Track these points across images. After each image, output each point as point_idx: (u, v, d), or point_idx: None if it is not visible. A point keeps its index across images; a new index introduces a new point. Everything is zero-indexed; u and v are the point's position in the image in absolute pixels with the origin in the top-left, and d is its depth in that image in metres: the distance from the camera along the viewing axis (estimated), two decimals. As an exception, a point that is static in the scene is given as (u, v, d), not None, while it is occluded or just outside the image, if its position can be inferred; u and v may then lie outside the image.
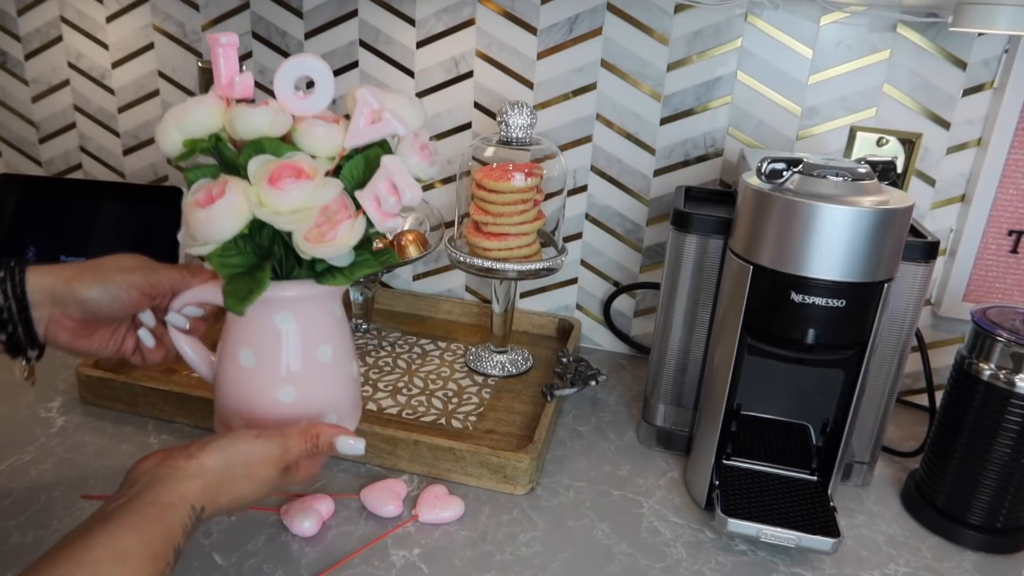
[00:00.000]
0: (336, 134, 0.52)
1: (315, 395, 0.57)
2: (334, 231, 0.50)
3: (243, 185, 0.49)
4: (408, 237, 0.92)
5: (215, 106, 0.50)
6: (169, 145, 0.50)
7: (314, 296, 0.55)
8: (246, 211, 0.48)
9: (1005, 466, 0.66)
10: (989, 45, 0.80)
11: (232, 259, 0.51)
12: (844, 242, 0.58)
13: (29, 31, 1.13)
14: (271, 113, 0.49)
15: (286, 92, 0.51)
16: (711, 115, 0.91)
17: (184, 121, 0.49)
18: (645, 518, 0.70)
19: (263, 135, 0.50)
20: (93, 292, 0.53)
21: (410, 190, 0.50)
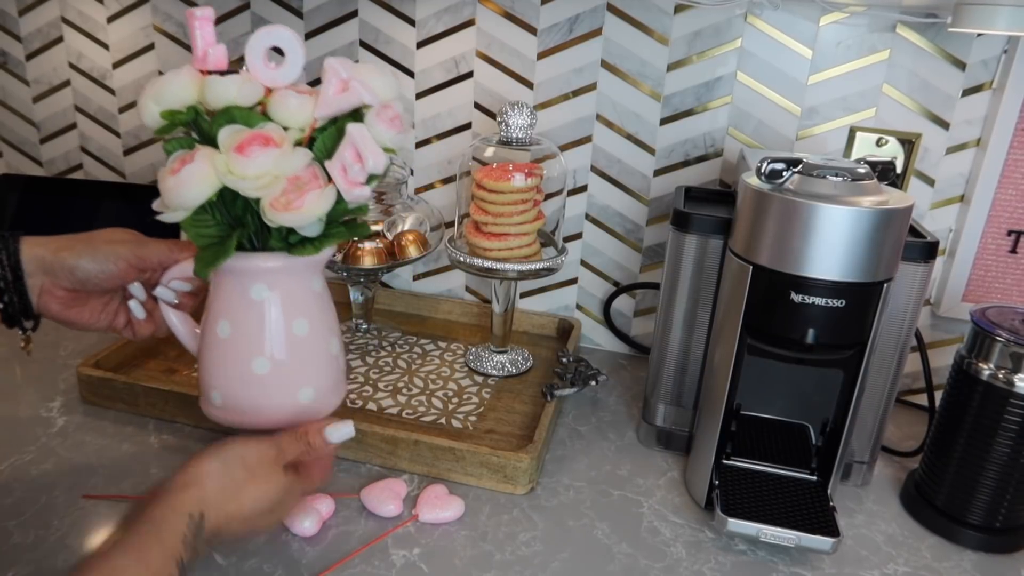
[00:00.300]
0: (308, 105, 0.52)
1: (290, 369, 0.56)
2: (302, 200, 0.50)
3: (212, 153, 0.50)
4: (408, 237, 0.92)
5: (191, 78, 0.51)
6: (149, 118, 0.51)
7: (289, 268, 0.55)
8: (213, 178, 0.49)
9: (1004, 466, 0.66)
10: (988, 45, 0.81)
11: (207, 229, 0.52)
12: (844, 242, 0.59)
13: (30, 31, 1.13)
14: (239, 82, 0.50)
15: (256, 62, 0.51)
16: (711, 115, 0.91)
17: (161, 94, 0.50)
18: (645, 518, 0.70)
19: (232, 103, 0.50)
20: (82, 262, 0.54)
21: (373, 157, 0.50)
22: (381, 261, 0.90)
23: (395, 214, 0.94)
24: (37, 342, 0.96)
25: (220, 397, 0.56)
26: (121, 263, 0.56)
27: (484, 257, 0.85)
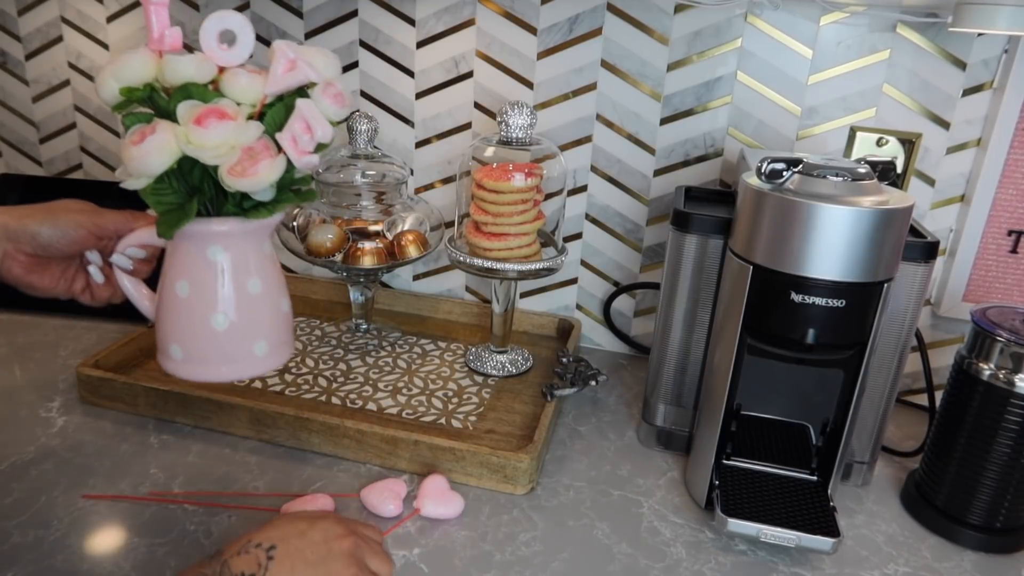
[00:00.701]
0: (258, 82, 0.57)
1: (246, 324, 0.61)
2: (256, 167, 0.55)
3: (171, 125, 0.54)
4: (408, 237, 0.92)
5: (148, 58, 0.55)
6: (108, 94, 0.55)
7: (243, 232, 0.59)
8: (175, 147, 0.54)
9: (1005, 466, 0.66)
10: (989, 45, 0.80)
11: (166, 197, 0.56)
12: (844, 242, 0.58)
13: (29, 31, 1.13)
14: (196, 61, 0.55)
15: (211, 44, 0.56)
16: (711, 115, 0.91)
17: (120, 71, 0.54)
18: (645, 518, 0.70)
19: (190, 80, 0.55)
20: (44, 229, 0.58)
21: (322, 128, 0.56)
22: (381, 261, 0.90)
23: (395, 214, 0.94)
24: (36, 342, 0.96)
25: (180, 352, 0.60)
26: (81, 230, 0.60)
27: (484, 257, 0.85)
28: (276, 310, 0.63)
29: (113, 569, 0.60)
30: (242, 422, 0.78)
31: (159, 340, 0.62)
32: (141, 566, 0.60)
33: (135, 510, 0.67)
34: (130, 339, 0.87)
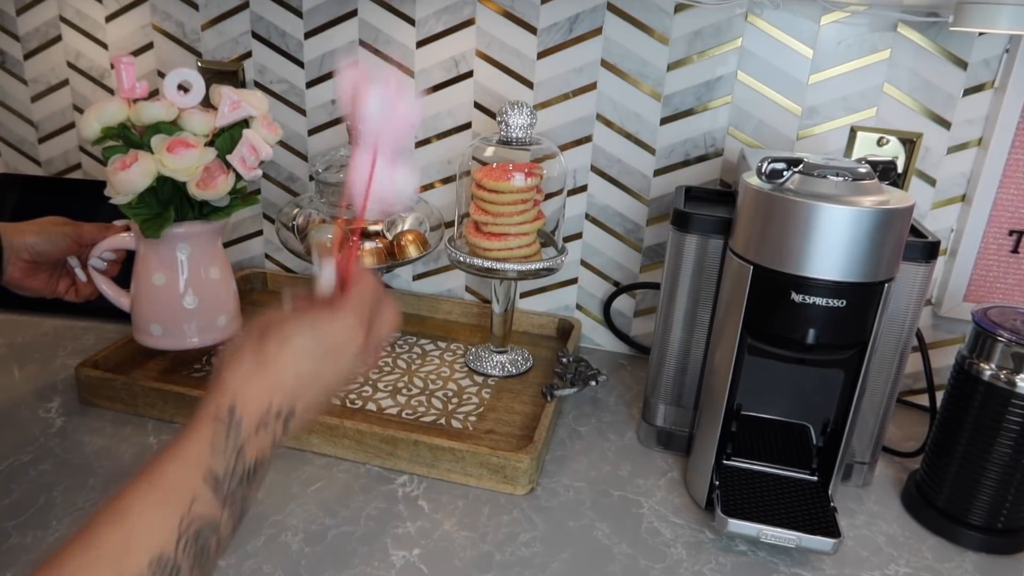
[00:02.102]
0: (209, 118, 0.76)
1: (211, 302, 0.81)
2: (215, 182, 0.76)
3: (148, 155, 0.73)
4: (408, 237, 0.92)
5: (122, 104, 0.74)
6: (89, 132, 0.73)
7: (204, 232, 0.79)
8: (153, 170, 0.73)
9: (1006, 466, 0.66)
10: (990, 45, 0.80)
11: (144, 209, 0.75)
12: (844, 242, 0.58)
13: (28, 31, 1.13)
14: (164, 105, 0.74)
15: (171, 92, 0.74)
16: (711, 115, 0.91)
17: (101, 115, 0.72)
18: (645, 518, 0.70)
19: (160, 120, 0.74)
20: (38, 239, 0.72)
21: (264, 150, 0.77)
22: (381, 261, 0.90)
23: (395, 214, 0.93)
24: (35, 343, 0.96)
25: (160, 329, 0.80)
26: (66, 239, 0.74)
27: (484, 257, 0.85)
28: (230, 290, 0.84)
29: (112, 570, 0.60)
30: (241, 422, 0.77)
31: (139, 323, 0.81)
32: (140, 567, 0.60)
33: (134, 511, 0.66)
34: (129, 339, 0.87)
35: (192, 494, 0.39)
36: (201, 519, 0.39)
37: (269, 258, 1.16)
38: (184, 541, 0.38)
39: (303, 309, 0.47)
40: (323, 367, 0.46)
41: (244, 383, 0.43)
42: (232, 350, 0.45)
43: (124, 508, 0.38)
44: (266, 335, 0.45)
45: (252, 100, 0.77)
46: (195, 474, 0.40)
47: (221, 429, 0.41)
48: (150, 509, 0.38)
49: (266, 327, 0.45)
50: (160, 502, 0.38)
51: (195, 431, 0.41)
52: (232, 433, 0.42)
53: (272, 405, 0.43)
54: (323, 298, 0.49)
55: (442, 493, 0.72)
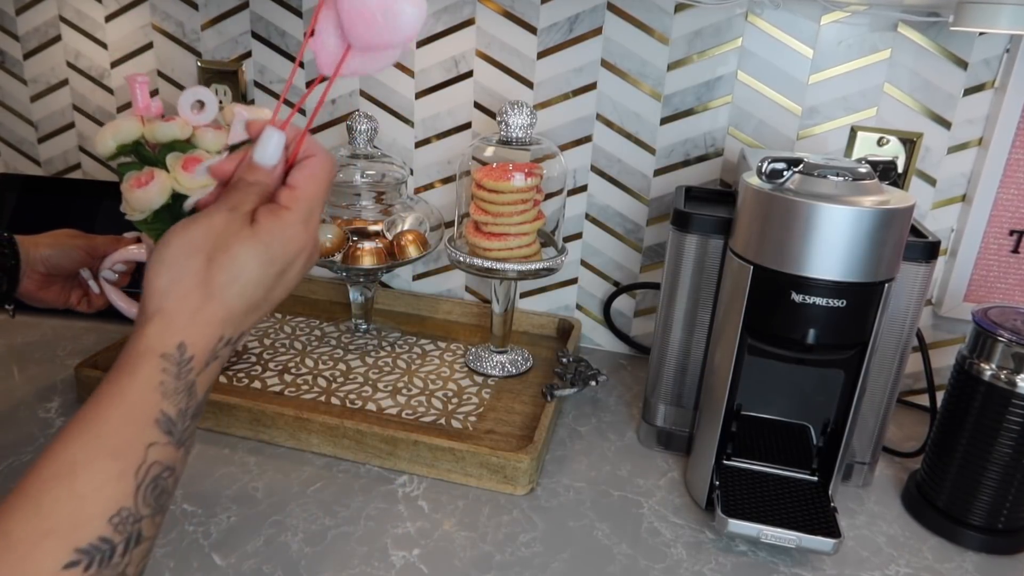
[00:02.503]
0: (221, 136, 0.76)
1: None
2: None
3: (163, 173, 0.73)
4: (408, 237, 0.92)
5: (136, 122, 0.75)
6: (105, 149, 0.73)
7: None
8: (168, 188, 0.72)
9: (1006, 466, 0.66)
10: (990, 44, 0.80)
11: (158, 224, 0.74)
12: (845, 242, 0.58)
13: (28, 30, 1.13)
14: (179, 124, 0.74)
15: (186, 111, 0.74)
16: (711, 115, 0.91)
17: (117, 132, 0.73)
18: (645, 519, 0.70)
19: (175, 138, 0.74)
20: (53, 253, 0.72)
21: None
22: (381, 261, 0.90)
23: (395, 214, 0.93)
24: (35, 343, 0.96)
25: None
26: (79, 252, 0.74)
27: (484, 257, 0.85)
28: None
29: (111, 570, 0.60)
30: (241, 422, 0.77)
31: None
32: (140, 567, 0.60)
33: (134, 511, 0.66)
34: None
35: (146, 441, 0.37)
36: (159, 464, 0.37)
37: (269, 258, 1.16)
38: (143, 489, 0.36)
39: (244, 214, 0.42)
40: (274, 287, 0.43)
41: (193, 318, 0.39)
42: (167, 271, 0.40)
43: (71, 465, 0.35)
44: (214, 262, 0.40)
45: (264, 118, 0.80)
46: (146, 419, 0.37)
47: (171, 368, 0.38)
48: (101, 463, 0.35)
49: (212, 251, 0.40)
50: (112, 454, 0.36)
51: (137, 370, 0.37)
52: (183, 372, 0.38)
53: (223, 337, 0.40)
54: (261, 180, 0.43)
55: (442, 493, 0.72)
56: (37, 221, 1.08)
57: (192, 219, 0.41)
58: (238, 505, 0.68)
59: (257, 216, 0.42)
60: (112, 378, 0.38)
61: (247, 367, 0.90)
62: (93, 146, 0.76)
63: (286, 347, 0.96)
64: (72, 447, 0.35)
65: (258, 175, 0.43)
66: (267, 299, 0.43)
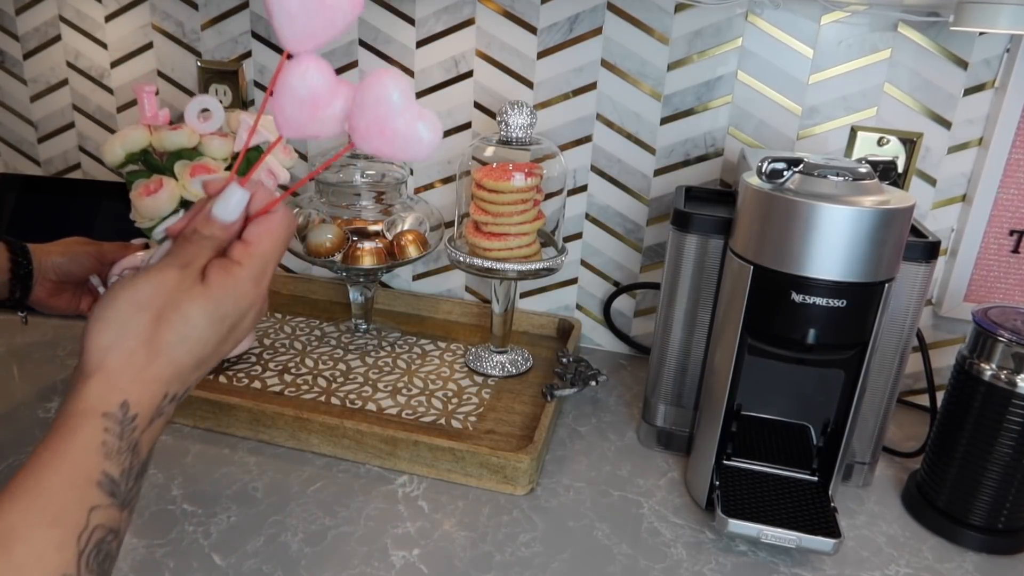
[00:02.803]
0: (227, 144, 0.80)
1: None
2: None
3: (172, 180, 0.77)
4: (408, 237, 0.92)
5: (144, 131, 0.79)
6: (114, 158, 0.78)
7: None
8: (177, 196, 0.76)
9: (1006, 467, 0.65)
10: (990, 44, 0.80)
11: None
12: (845, 242, 0.58)
13: (27, 30, 1.13)
14: (186, 133, 0.78)
15: (192, 119, 0.79)
16: (711, 115, 0.91)
17: (125, 141, 0.77)
18: (645, 519, 0.70)
19: (182, 147, 0.78)
20: (64, 260, 0.73)
21: (282, 174, 0.83)
22: (381, 261, 0.90)
23: (395, 214, 0.93)
24: (34, 343, 0.96)
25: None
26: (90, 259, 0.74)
27: (484, 257, 0.85)
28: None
29: (111, 570, 0.60)
30: (241, 422, 0.77)
31: None
32: (140, 567, 0.60)
33: (134, 511, 0.66)
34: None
35: (88, 505, 0.35)
36: (102, 528, 0.36)
37: (269, 258, 1.16)
38: (86, 556, 0.35)
39: (196, 270, 0.40)
40: (223, 342, 0.42)
41: (138, 376, 0.38)
42: (110, 328, 0.38)
43: (9, 534, 0.33)
44: (163, 320, 0.39)
45: (268, 125, 0.81)
46: (88, 481, 0.35)
47: (114, 428, 0.37)
48: (41, 531, 0.33)
49: (161, 309, 0.39)
50: (52, 521, 0.34)
51: (78, 430, 0.36)
52: (126, 431, 0.37)
53: (168, 394, 0.40)
54: (216, 235, 0.42)
55: (442, 493, 0.72)
56: (37, 221, 1.09)
57: (140, 275, 0.40)
58: (238, 505, 0.68)
59: (208, 272, 0.41)
60: (51, 439, 0.36)
61: (247, 367, 0.90)
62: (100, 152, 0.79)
63: (286, 347, 0.96)
64: (10, 515, 0.34)
65: (214, 229, 0.42)
66: (215, 354, 0.42)
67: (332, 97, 0.40)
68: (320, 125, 0.40)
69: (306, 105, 0.39)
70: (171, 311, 0.39)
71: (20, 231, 1.07)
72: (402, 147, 0.40)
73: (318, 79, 0.39)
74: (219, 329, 0.41)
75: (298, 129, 0.40)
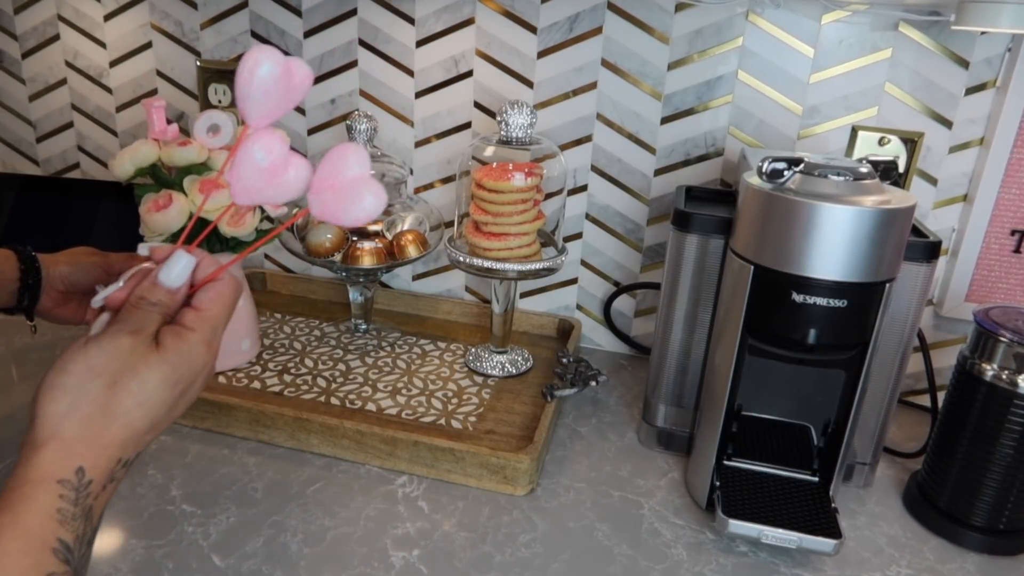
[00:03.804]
0: None
1: (236, 328, 0.85)
2: (243, 219, 0.80)
3: (182, 196, 0.78)
4: (408, 237, 0.91)
5: (153, 146, 0.80)
6: (122, 171, 0.78)
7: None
8: (187, 211, 0.77)
9: (1008, 467, 0.65)
10: (992, 44, 0.80)
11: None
12: (846, 242, 0.58)
13: (26, 29, 1.12)
14: (195, 149, 0.79)
15: (202, 135, 0.80)
16: (712, 114, 0.90)
17: (135, 155, 0.78)
18: (646, 519, 0.70)
19: (191, 162, 0.79)
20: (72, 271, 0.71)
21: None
22: (380, 261, 0.90)
23: (394, 214, 0.93)
24: (33, 344, 0.96)
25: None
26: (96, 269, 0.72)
27: (484, 257, 0.85)
28: (252, 315, 0.90)
29: (111, 571, 0.59)
30: (241, 423, 0.77)
31: None
32: (139, 568, 0.60)
33: (133, 511, 0.66)
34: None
35: (43, 572, 0.35)
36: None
37: (268, 258, 1.16)
38: None
39: (148, 336, 0.42)
40: (176, 405, 0.43)
41: (95, 442, 0.38)
42: (64, 395, 0.39)
43: None
44: (119, 385, 0.40)
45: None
46: (44, 548, 0.35)
47: (69, 495, 0.37)
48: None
49: (116, 374, 0.40)
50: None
51: (34, 497, 0.36)
52: (81, 497, 0.37)
53: (122, 459, 0.40)
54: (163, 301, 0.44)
55: (442, 494, 0.71)
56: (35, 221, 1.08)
57: (91, 343, 0.41)
58: (237, 505, 0.68)
59: (161, 338, 0.42)
60: (4, 507, 0.36)
61: (247, 367, 0.89)
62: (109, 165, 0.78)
63: (285, 347, 0.95)
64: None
65: (160, 295, 0.44)
66: (168, 417, 0.43)
67: (287, 166, 0.43)
68: (275, 191, 0.43)
69: (264, 173, 0.43)
70: (128, 376, 0.40)
71: (19, 231, 1.07)
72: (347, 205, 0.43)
73: (280, 150, 0.43)
74: (173, 392, 0.42)
75: (255, 196, 0.44)
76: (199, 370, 0.43)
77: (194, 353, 0.43)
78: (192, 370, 0.43)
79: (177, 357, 0.42)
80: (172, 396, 0.42)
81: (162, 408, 0.42)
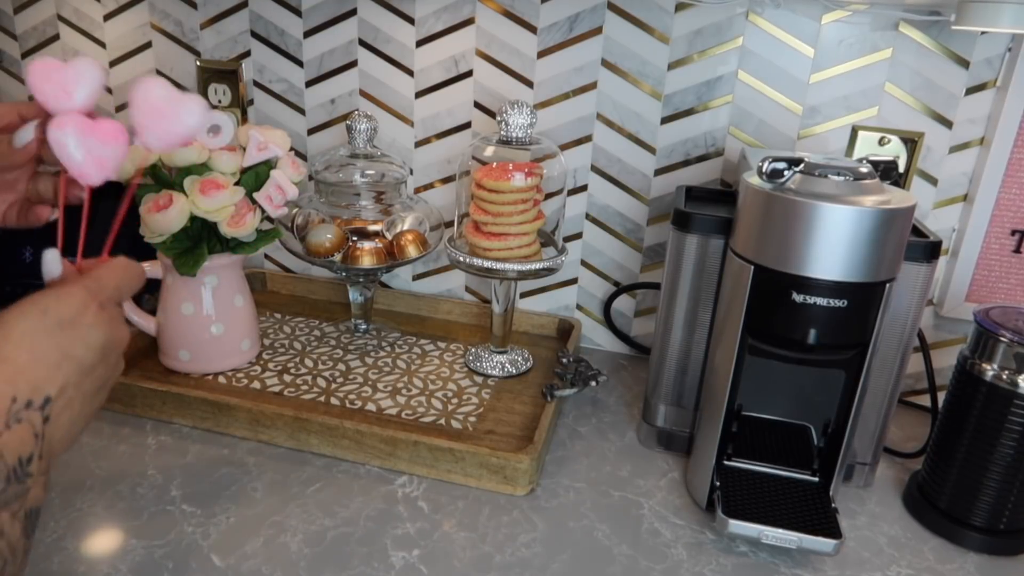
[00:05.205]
0: (236, 159, 0.81)
1: (235, 328, 0.87)
2: (244, 220, 0.80)
3: (182, 196, 0.78)
4: (408, 237, 0.91)
5: None
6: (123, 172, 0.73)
7: (230, 264, 0.85)
8: (187, 211, 0.77)
9: (1008, 467, 0.65)
10: (992, 43, 0.80)
11: (176, 246, 0.80)
12: (846, 242, 0.58)
13: (26, 29, 1.12)
14: (196, 149, 0.79)
15: (202, 135, 0.79)
16: (712, 114, 0.90)
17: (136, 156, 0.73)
18: (646, 519, 0.70)
19: (192, 163, 0.79)
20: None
21: (291, 190, 0.81)
22: (380, 261, 0.90)
23: (394, 214, 0.93)
24: None
25: (188, 355, 0.86)
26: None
27: (484, 257, 0.85)
28: (252, 315, 0.90)
29: (110, 571, 0.59)
30: (240, 423, 0.77)
31: (167, 349, 0.86)
32: (139, 568, 0.60)
33: (133, 511, 0.66)
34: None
35: None
36: None
37: (268, 258, 1.16)
38: None
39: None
40: (64, 341, 0.42)
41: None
42: None
43: None
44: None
45: (277, 140, 0.83)
46: None
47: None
48: None
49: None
50: None
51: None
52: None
53: (17, 396, 0.39)
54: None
55: (442, 494, 0.71)
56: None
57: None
58: (237, 505, 0.68)
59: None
60: None
61: (247, 367, 0.89)
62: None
63: (285, 347, 0.95)
64: None
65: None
66: (65, 354, 0.42)
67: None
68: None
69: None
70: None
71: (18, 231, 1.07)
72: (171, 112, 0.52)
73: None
74: (44, 322, 0.41)
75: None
76: (77, 305, 0.43)
77: (63, 290, 0.43)
78: (61, 302, 0.43)
79: (41, 295, 0.42)
80: (44, 326, 0.41)
81: (36, 337, 0.41)
